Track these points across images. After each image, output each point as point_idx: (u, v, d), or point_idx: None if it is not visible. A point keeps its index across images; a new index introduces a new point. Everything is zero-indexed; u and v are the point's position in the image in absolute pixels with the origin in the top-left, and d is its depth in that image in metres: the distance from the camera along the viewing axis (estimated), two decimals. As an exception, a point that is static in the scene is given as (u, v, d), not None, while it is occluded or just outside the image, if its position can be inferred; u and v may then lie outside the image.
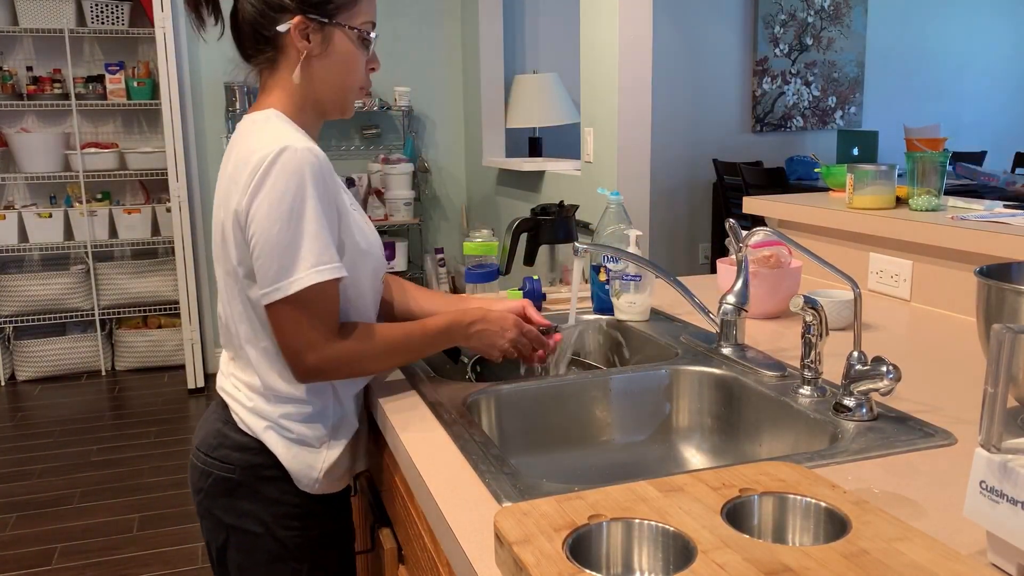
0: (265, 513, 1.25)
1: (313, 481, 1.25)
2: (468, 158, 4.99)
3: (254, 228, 1.13)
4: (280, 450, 1.23)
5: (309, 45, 1.19)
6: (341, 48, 1.21)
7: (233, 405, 1.27)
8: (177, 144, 4.22)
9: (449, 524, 0.86)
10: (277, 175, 1.11)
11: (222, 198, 1.21)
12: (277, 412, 1.23)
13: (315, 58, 1.20)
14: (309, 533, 1.28)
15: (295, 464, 1.24)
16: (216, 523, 1.28)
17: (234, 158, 1.20)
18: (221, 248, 1.23)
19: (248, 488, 1.25)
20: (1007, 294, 1.03)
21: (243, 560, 1.28)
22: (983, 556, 0.76)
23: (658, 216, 5.54)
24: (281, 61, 1.21)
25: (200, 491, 1.29)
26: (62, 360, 4.56)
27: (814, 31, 5.72)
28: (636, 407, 1.33)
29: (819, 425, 1.11)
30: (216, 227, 1.24)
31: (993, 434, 0.72)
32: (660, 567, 0.74)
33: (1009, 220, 1.64)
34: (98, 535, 2.87)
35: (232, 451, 1.25)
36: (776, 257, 1.63)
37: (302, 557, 1.28)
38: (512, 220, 1.95)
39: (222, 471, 1.25)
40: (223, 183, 1.22)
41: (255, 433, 1.24)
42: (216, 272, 1.28)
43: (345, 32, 1.20)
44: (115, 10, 4.37)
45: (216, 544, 1.30)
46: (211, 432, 1.28)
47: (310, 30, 1.18)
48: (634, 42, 2.90)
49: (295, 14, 1.17)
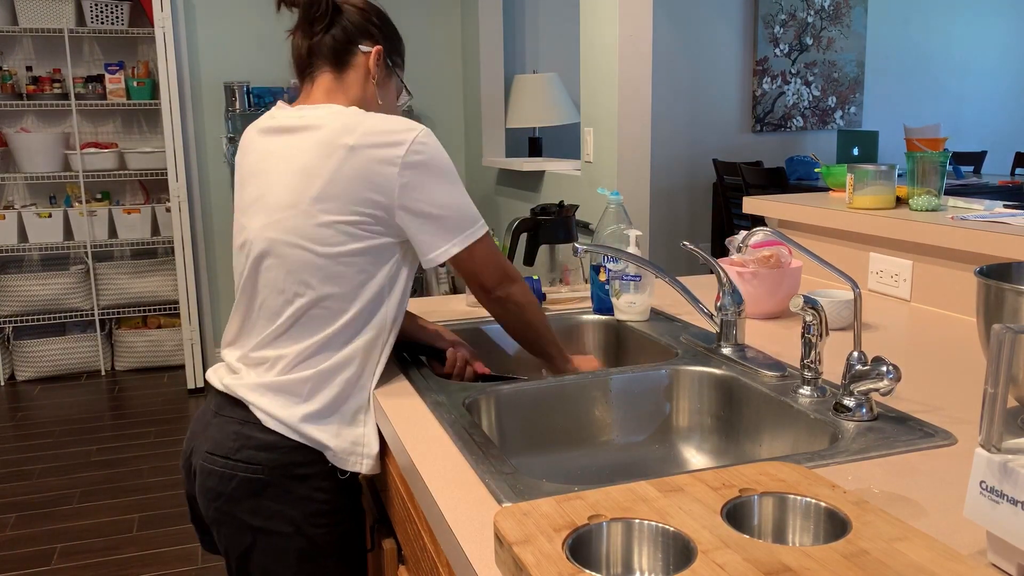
0: (296, 512, 1.26)
1: (360, 457, 1.28)
2: (468, 158, 4.99)
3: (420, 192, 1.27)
4: (322, 433, 1.25)
5: (379, 71, 1.39)
6: (391, 91, 1.44)
7: (257, 401, 1.26)
8: (177, 144, 4.22)
9: (449, 524, 0.86)
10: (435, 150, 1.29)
11: (327, 171, 1.25)
12: (310, 380, 1.26)
13: (378, 86, 1.39)
14: (337, 529, 1.30)
15: (338, 443, 1.26)
16: (239, 527, 1.27)
17: (361, 133, 1.25)
18: (309, 214, 1.25)
19: (277, 488, 1.25)
20: (1007, 294, 1.03)
21: (270, 563, 1.27)
22: (983, 556, 0.76)
23: (658, 216, 5.55)
24: (347, 73, 1.37)
25: (219, 496, 1.27)
26: (62, 360, 4.56)
27: (814, 31, 5.72)
28: (636, 407, 1.33)
29: (819, 425, 1.11)
30: (299, 197, 1.26)
31: (993, 434, 0.71)
32: (660, 567, 0.74)
33: (1009, 220, 1.64)
34: (98, 535, 2.87)
35: (258, 451, 1.25)
36: (776, 257, 1.63)
37: (330, 553, 1.30)
38: (512, 220, 1.96)
39: (247, 472, 1.25)
40: (329, 156, 1.25)
41: (289, 426, 1.24)
42: (270, 247, 1.28)
43: (396, 80, 1.45)
44: (115, 10, 4.37)
45: (239, 550, 1.29)
46: (227, 435, 1.27)
47: (380, 61, 1.38)
48: (634, 42, 2.90)
49: (377, 44, 1.38)
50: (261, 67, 4.58)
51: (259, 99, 4.45)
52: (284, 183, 1.27)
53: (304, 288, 1.25)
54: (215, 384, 1.33)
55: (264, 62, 4.59)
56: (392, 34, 1.41)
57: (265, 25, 4.57)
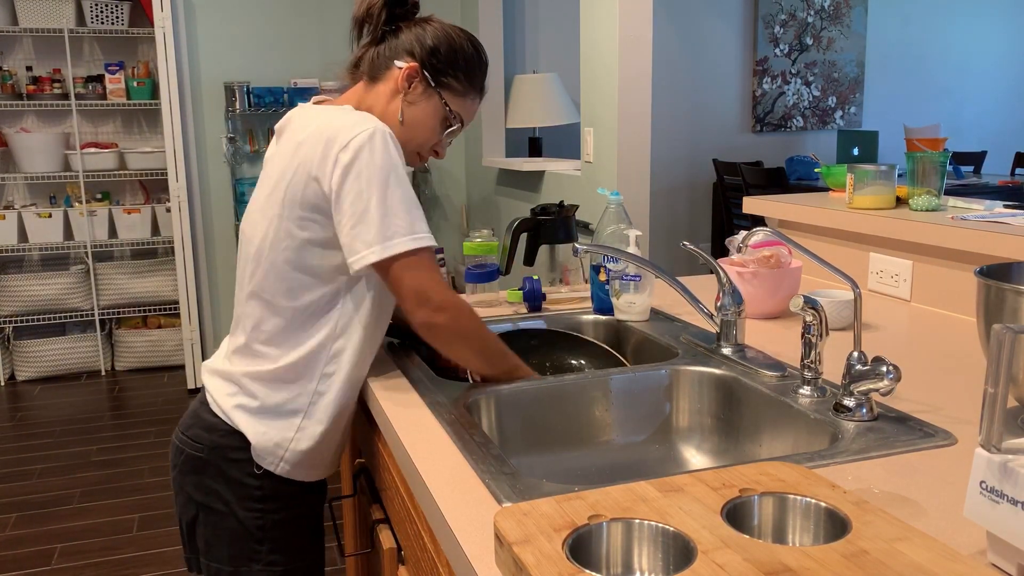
0: (228, 493, 1.32)
1: (277, 459, 1.30)
2: (468, 158, 4.99)
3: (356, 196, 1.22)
4: (247, 426, 1.29)
5: (408, 89, 1.34)
6: (428, 110, 1.35)
7: (209, 384, 1.35)
8: (177, 144, 4.22)
9: (449, 524, 0.86)
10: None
11: (284, 169, 1.27)
12: (254, 377, 1.29)
13: (407, 103, 1.34)
14: (270, 516, 1.33)
15: (261, 441, 1.29)
16: (187, 499, 1.36)
17: (310, 131, 1.26)
18: (277, 214, 1.26)
19: (214, 467, 1.32)
20: (1007, 294, 1.03)
21: (209, 536, 1.35)
22: (983, 556, 0.76)
23: (658, 216, 5.55)
24: (378, 85, 1.35)
25: (175, 467, 1.38)
26: (62, 360, 4.56)
27: (814, 31, 5.72)
28: (636, 407, 1.33)
29: (819, 425, 1.11)
30: (271, 196, 1.28)
31: (993, 434, 0.71)
32: (660, 567, 0.74)
33: (1009, 220, 1.64)
34: (98, 535, 2.87)
35: (202, 431, 1.33)
36: (776, 257, 1.63)
37: (262, 538, 1.33)
38: (512, 220, 1.95)
39: (192, 449, 1.34)
40: (288, 154, 1.27)
41: (223, 412, 1.31)
42: (251, 245, 1.31)
43: (439, 103, 1.35)
44: (115, 10, 4.37)
45: (186, 519, 1.37)
46: (189, 412, 1.38)
47: (417, 79, 1.34)
48: (634, 42, 2.90)
49: (415, 61, 1.34)
50: (261, 67, 4.58)
51: (259, 99, 4.45)
52: (265, 183, 1.32)
53: (256, 285, 1.30)
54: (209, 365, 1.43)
55: (264, 62, 4.59)
56: (448, 55, 1.34)
57: (265, 25, 4.57)
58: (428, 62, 1.34)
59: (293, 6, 4.61)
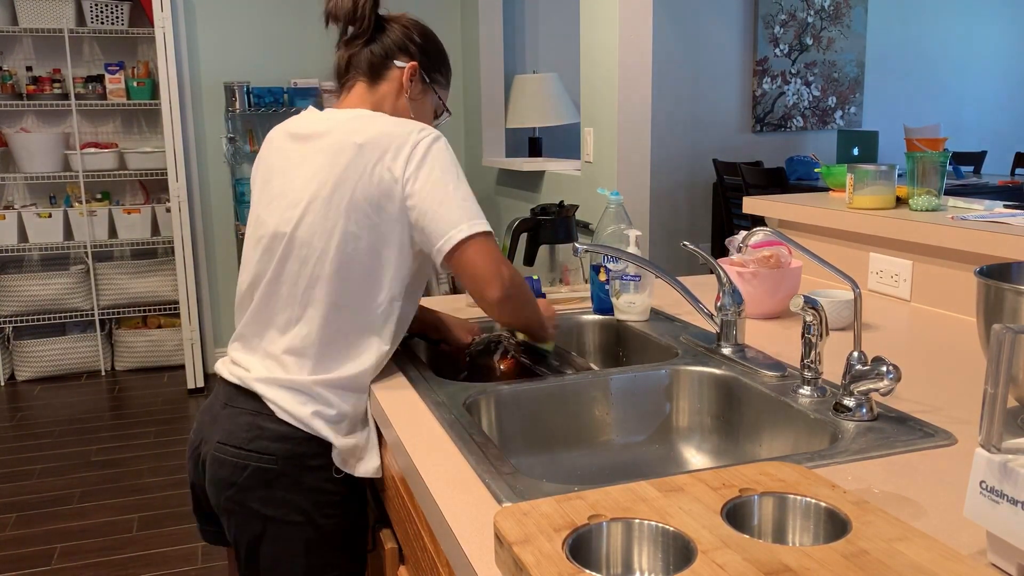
0: (306, 501, 1.29)
1: (356, 461, 1.31)
2: (468, 158, 4.99)
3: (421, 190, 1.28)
4: (329, 433, 1.28)
5: (412, 87, 1.42)
6: (427, 106, 1.47)
7: (272, 394, 1.29)
8: (177, 144, 4.22)
9: (449, 524, 0.86)
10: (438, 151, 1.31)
11: (340, 170, 1.29)
12: (327, 385, 1.29)
13: (410, 100, 1.43)
14: (345, 520, 1.34)
15: (345, 444, 1.29)
16: (250, 516, 1.30)
17: (371, 133, 1.29)
18: (324, 215, 1.28)
19: (289, 478, 1.28)
20: (1007, 294, 1.03)
21: (279, 551, 1.31)
22: (983, 556, 0.76)
23: (658, 216, 5.55)
24: (380, 85, 1.41)
25: (232, 485, 1.29)
26: (62, 360, 4.56)
27: (814, 31, 5.72)
28: (636, 407, 1.33)
29: (819, 425, 1.11)
30: (342, 199, 1.29)
31: (993, 434, 0.72)
32: (660, 567, 0.74)
33: (1009, 220, 1.64)
34: (98, 535, 2.87)
35: (271, 442, 1.28)
36: (776, 257, 1.63)
37: (337, 544, 1.33)
38: (512, 220, 1.95)
39: (260, 462, 1.28)
40: (341, 154, 1.29)
41: (300, 420, 1.28)
42: (305, 248, 1.30)
43: (433, 98, 1.48)
44: (115, 10, 4.37)
45: (249, 537, 1.31)
46: (240, 425, 1.30)
47: (415, 77, 1.42)
48: (634, 42, 2.90)
49: (413, 60, 1.42)
50: (261, 67, 4.58)
51: (259, 99, 4.44)
52: (303, 180, 1.31)
53: (319, 289, 1.29)
54: (225, 376, 1.37)
55: (264, 62, 4.59)
56: (434, 53, 1.45)
57: (265, 25, 4.57)
58: (423, 60, 1.43)
59: (293, 6, 4.61)
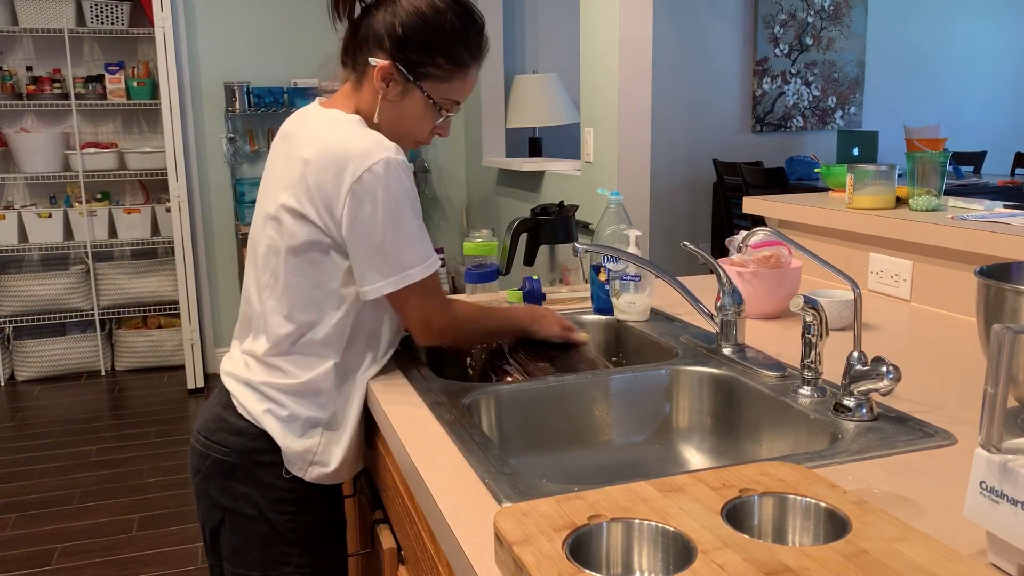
0: (259, 496, 1.30)
1: (306, 464, 1.30)
2: (468, 158, 4.99)
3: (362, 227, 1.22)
4: (277, 433, 1.28)
5: (386, 89, 1.27)
6: (412, 107, 1.29)
7: (234, 389, 1.32)
8: (177, 144, 4.22)
9: (449, 524, 0.86)
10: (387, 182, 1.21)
11: (291, 182, 1.25)
12: (280, 390, 1.29)
13: (386, 101, 1.28)
14: (302, 518, 1.33)
15: (292, 447, 1.28)
16: (212, 504, 1.34)
17: (318, 148, 1.23)
18: (277, 227, 1.26)
19: (244, 471, 1.30)
20: (1007, 294, 1.03)
21: (236, 541, 1.33)
22: (983, 556, 0.76)
23: (658, 216, 5.54)
24: (364, 82, 1.29)
25: (198, 472, 1.34)
26: (62, 360, 4.56)
27: (814, 31, 5.72)
28: (636, 407, 1.33)
29: (819, 425, 1.11)
30: (272, 207, 1.27)
31: (993, 434, 0.71)
32: (660, 567, 0.74)
33: (1009, 220, 1.64)
34: (98, 535, 2.87)
35: (229, 435, 1.30)
36: (776, 257, 1.63)
37: (294, 541, 1.32)
38: (512, 220, 1.95)
39: (219, 454, 1.31)
40: (294, 166, 1.25)
41: (253, 417, 1.29)
42: (257, 250, 1.32)
43: (421, 98, 1.29)
44: (115, 10, 4.36)
45: (210, 525, 1.35)
46: (211, 416, 1.34)
47: (393, 78, 1.26)
48: (634, 42, 2.90)
49: (387, 58, 1.25)
50: (261, 67, 4.58)
51: (259, 99, 4.44)
52: (269, 187, 1.31)
53: (272, 300, 1.29)
54: (223, 367, 1.41)
55: (264, 62, 4.58)
56: (423, 42, 1.24)
57: (265, 25, 4.57)
58: (400, 56, 1.25)
59: (293, 6, 4.61)
